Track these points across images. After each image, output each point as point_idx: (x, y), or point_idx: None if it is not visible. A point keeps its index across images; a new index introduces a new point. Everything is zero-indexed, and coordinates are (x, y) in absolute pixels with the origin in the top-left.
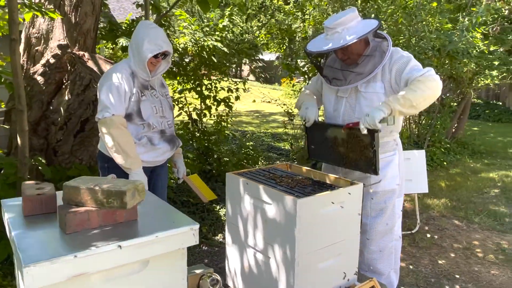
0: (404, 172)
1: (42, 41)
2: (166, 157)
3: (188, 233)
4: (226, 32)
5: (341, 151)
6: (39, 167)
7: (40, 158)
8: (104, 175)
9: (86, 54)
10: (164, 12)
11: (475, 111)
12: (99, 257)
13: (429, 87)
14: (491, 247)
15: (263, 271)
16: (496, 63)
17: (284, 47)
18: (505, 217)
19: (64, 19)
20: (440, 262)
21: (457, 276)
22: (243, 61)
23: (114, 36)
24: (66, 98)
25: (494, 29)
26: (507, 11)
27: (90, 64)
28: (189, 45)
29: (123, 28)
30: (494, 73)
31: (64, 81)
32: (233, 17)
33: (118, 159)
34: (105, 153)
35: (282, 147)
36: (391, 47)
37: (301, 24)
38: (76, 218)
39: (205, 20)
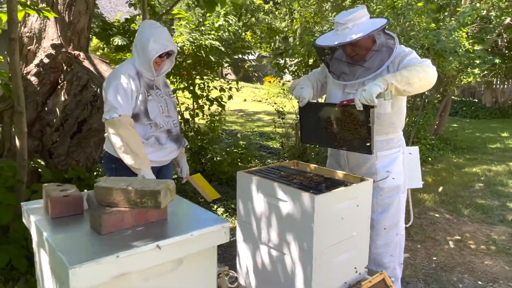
0: (407, 168)
1: (35, 41)
2: (173, 156)
3: (220, 231)
4: (222, 32)
5: (335, 131)
6: (39, 170)
7: (39, 160)
8: (111, 176)
9: (82, 54)
10: (164, 11)
11: (453, 108)
12: (139, 256)
13: (425, 70)
14: (482, 239)
15: (278, 267)
16: (478, 61)
17: (271, 46)
18: (492, 210)
19: (58, 18)
20: (435, 254)
21: (453, 267)
22: (228, 61)
23: (107, 36)
24: (62, 98)
25: (473, 28)
26: (485, 11)
27: (86, 64)
28: (187, 44)
29: (116, 27)
30: (476, 71)
31: (60, 81)
32: (229, 16)
33: (127, 159)
34: (112, 154)
35: (271, 146)
36: (397, 44)
37: (289, 24)
38: (111, 219)
39: (200, 19)
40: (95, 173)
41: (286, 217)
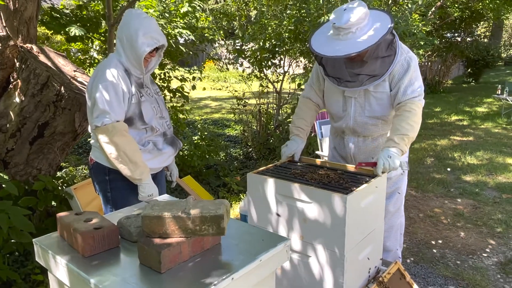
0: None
1: None
2: (170, 161)
3: (282, 251)
4: (190, 18)
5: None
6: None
7: (2, 174)
8: (104, 189)
9: (35, 47)
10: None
11: None
12: None
13: (419, 116)
14: (450, 213)
15: (301, 272)
16: (422, 42)
17: (222, 31)
18: (451, 184)
19: (0, 5)
20: (415, 232)
21: (434, 243)
22: (193, 49)
23: (59, 25)
24: (17, 100)
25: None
26: None
27: (43, 58)
28: None
29: (67, 15)
30: (421, 51)
31: (12, 80)
32: (195, 2)
33: (125, 170)
34: (104, 165)
35: (228, 134)
36: (399, 44)
37: (243, 7)
38: (170, 254)
39: (164, 5)
40: (60, 181)
41: (310, 219)
